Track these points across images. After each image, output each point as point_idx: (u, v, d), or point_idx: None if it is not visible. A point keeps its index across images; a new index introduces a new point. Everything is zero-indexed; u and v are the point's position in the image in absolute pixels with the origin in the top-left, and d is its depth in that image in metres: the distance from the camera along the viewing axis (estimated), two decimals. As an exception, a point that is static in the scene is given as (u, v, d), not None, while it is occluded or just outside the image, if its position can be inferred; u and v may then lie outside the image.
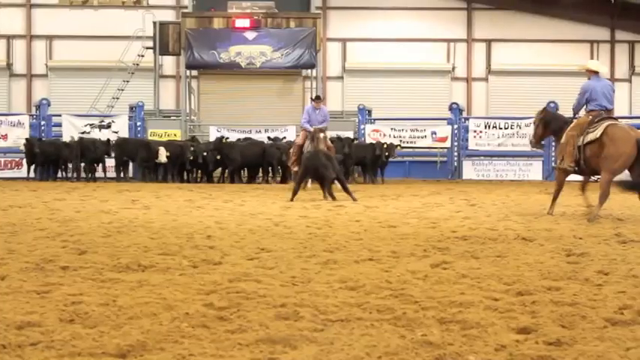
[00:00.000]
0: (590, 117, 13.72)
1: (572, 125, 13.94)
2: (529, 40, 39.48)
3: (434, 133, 32.18)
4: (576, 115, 14.38)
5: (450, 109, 32.96)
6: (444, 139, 32.13)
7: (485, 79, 40.18)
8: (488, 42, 40.11)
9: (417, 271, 7.21)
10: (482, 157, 32.26)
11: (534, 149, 16.11)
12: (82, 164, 29.24)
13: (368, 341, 4.60)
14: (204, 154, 27.37)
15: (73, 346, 4.43)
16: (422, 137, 32.11)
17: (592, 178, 14.14)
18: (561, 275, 7.03)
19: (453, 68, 40.02)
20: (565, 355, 4.35)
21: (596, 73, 14.18)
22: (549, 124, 14.66)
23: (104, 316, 5.18)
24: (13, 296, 5.89)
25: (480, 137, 31.72)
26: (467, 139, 32.07)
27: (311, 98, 23.80)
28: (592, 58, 39.39)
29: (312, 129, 21.87)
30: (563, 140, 13.95)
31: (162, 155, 27.35)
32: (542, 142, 15.86)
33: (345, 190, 17.33)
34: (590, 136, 13.44)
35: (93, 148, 28.91)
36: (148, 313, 5.27)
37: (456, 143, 32.18)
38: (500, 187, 25.84)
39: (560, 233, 10.63)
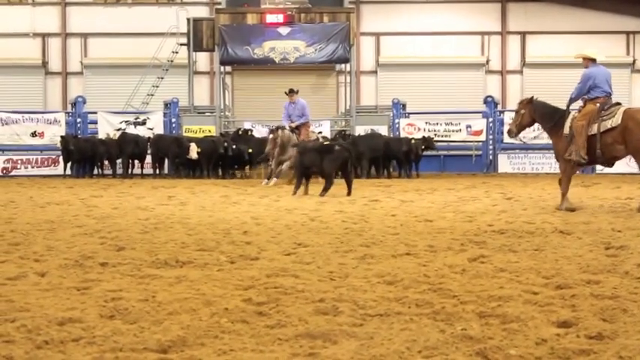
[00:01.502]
0: (598, 104, 13.52)
1: (579, 115, 13.68)
2: (564, 32, 39.16)
3: (469, 126, 32.05)
4: (571, 104, 14.09)
5: (485, 102, 32.83)
6: (478, 133, 32.01)
7: (520, 72, 39.92)
8: (523, 34, 39.85)
9: (455, 265, 7.19)
10: (517, 151, 32.09)
11: (513, 140, 15.64)
12: (119, 160, 29.49)
13: (408, 336, 4.59)
14: (233, 147, 27.46)
15: (114, 341, 4.46)
16: (457, 131, 31.98)
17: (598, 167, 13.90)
18: (601, 269, 6.98)
19: (488, 61, 39.78)
20: (607, 349, 4.32)
21: (593, 60, 14.04)
22: (544, 116, 14.23)
23: (144, 311, 5.21)
24: (53, 292, 5.94)
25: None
26: (502, 133, 31.89)
27: (285, 93, 23.69)
28: (628, 49, 39.18)
29: (287, 126, 22.32)
30: (567, 131, 13.69)
31: (193, 151, 27.40)
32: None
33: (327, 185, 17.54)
34: (609, 123, 13.25)
35: (134, 144, 29.19)
36: (187, 309, 5.30)
37: (491, 136, 32.05)
38: (536, 180, 25.69)
39: (598, 226, 10.55)
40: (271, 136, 22.50)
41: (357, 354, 4.25)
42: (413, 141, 28.41)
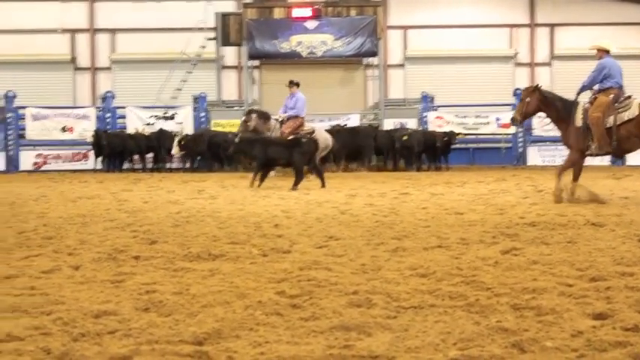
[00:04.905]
0: (611, 95, 13.43)
1: (592, 107, 13.56)
2: (593, 24, 38.83)
3: (498, 119, 31.92)
4: (581, 93, 14.02)
5: (514, 94, 32.65)
6: (508, 125, 31.81)
7: (549, 64, 39.68)
8: (552, 26, 39.59)
9: (488, 257, 7.16)
10: (547, 143, 31.90)
11: (515, 127, 15.68)
12: (149, 155, 29.81)
13: (442, 328, 4.59)
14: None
15: (150, 334, 4.47)
16: (485, 123, 31.87)
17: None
18: (635, 261, 6.94)
19: (516, 54, 39.55)
20: (644, 341, 4.29)
21: (607, 52, 14.03)
22: (551, 105, 14.22)
23: (178, 304, 5.22)
24: (88, 286, 5.97)
25: (546, 122, 31.33)
26: (531, 125, 31.73)
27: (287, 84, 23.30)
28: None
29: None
30: (580, 124, 13.60)
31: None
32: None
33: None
34: (625, 115, 13.17)
35: (169, 140, 29.64)
36: (221, 302, 5.31)
37: (520, 129, 31.88)
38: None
39: (630, 218, 10.48)
40: (243, 119, 22.03)
41: (393, 346, 4.24)
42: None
